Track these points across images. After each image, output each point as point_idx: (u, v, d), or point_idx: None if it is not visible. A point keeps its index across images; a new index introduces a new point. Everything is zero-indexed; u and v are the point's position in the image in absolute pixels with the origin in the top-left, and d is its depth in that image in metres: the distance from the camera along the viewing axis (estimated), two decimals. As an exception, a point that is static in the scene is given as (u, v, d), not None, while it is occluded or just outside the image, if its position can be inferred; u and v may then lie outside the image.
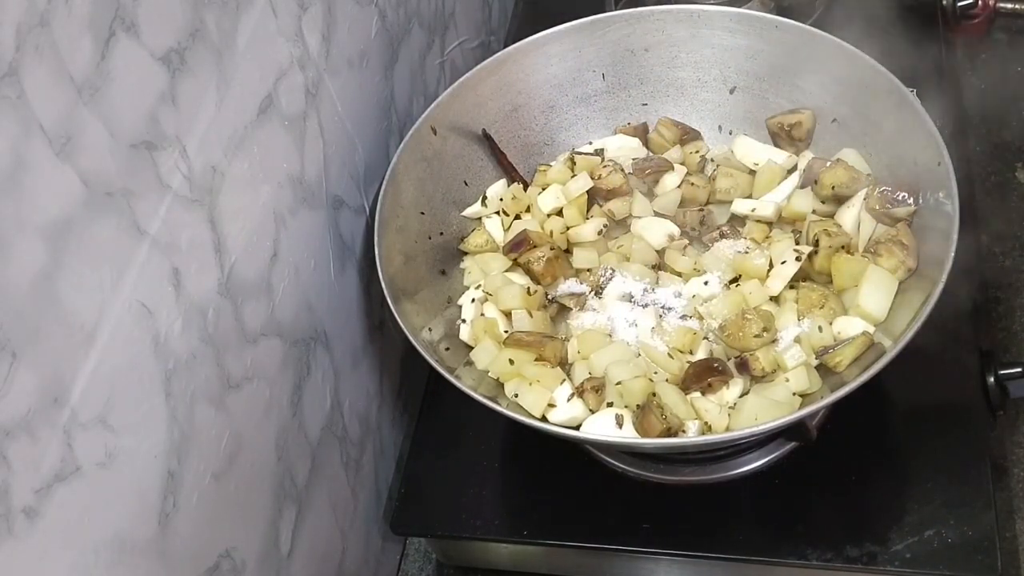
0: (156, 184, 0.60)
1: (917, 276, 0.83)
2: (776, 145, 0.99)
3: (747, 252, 0.91)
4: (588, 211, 0.98)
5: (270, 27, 0.73)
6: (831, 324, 0.84)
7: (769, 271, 0.89)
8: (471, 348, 0.88)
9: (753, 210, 0.94)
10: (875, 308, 0.83)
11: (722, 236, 0.93)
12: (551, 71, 1.01)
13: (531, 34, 1.00)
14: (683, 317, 0.88)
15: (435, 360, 0.80)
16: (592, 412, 0.83)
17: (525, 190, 0.99)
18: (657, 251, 0.94)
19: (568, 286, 0.93)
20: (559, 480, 0.93)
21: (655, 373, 0.84)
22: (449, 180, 0.97)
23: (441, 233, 0.96)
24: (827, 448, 0.87)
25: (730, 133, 1.02)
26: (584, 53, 1.01)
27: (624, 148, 1.01)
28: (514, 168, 1.01)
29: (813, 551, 0.85)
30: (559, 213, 0.97)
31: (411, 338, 0.81)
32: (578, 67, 1.02)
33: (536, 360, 0.85)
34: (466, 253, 0.97)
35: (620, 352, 0.85)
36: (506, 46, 1.01)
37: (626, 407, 0.82)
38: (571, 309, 0.92)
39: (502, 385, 0.86)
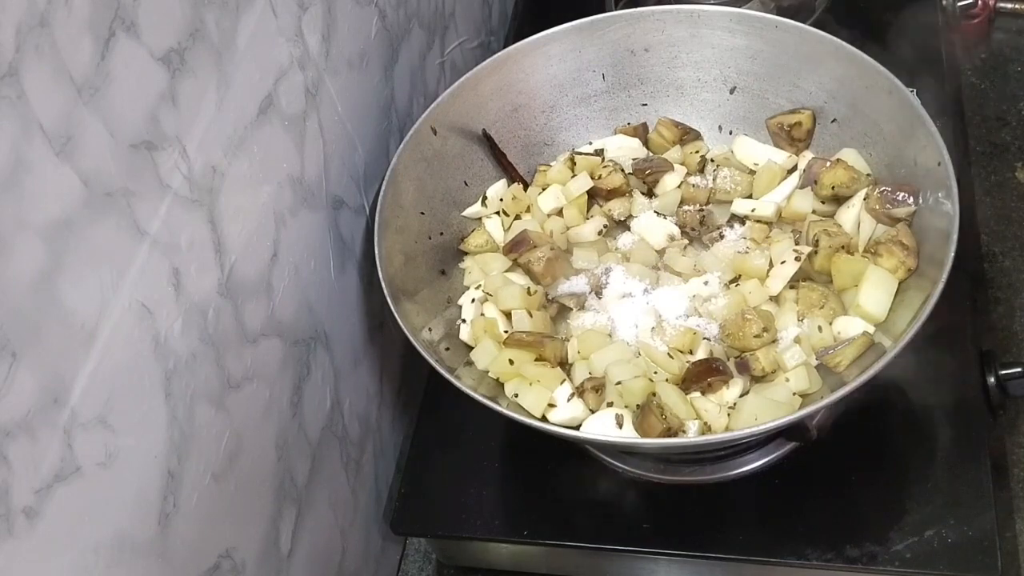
0: (156, 184, 0.60)
1: (917, 276, 0.83)
2: (776, 145, 0.99)
3: (747, 252, 0.91)
4: (588, 211, 0.98)
5: (270, 27, 0.73)
6: (831, 324, 0.84)
7: (769, 271, 0.89)
8: (471, 348, 0.88)
9: (753, 210, 0.94)
10: (875, 308, 0.83)
11: (721, 236, 0.93)
12: (551, 71, 1.01)
13: (531, 34, 1.00)
14: (683, 317, 0.88)
15: (435, 360, 0.80)
16: (592, 412, 0.83)
17: (525, 190, 0.99)
18: (657, 251, 0.94)
19: (568, 286, 0.93)
20: (559, 480, 0.93)
21: (655, 373, 0.84)
22: (449, 180, 0.97)
23: (441, 233, 0.96)
24: (827, 448, 0.87)
25: (730, 133, 1.02)
26: (584, 53, 1.01)
27: (624, 148, 1.01)
28: (514, 168, 1.01)
29: (813, 551, 0.85)
30: (559, 213, 0.97)
31: (411, 338, 0.81)
32: (578, 67, 1.02)
33: (536, 360, 0.85)
34: (466, 253, 0.97)
35: (620, 352, 0.86)
36: (506, 46, 1.01)
37: (626, 407, 0.82)
38: (571, 309, 0.92)
39: (502, 385, 0.86)
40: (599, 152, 1.01)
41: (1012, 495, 0.98)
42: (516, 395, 0.84)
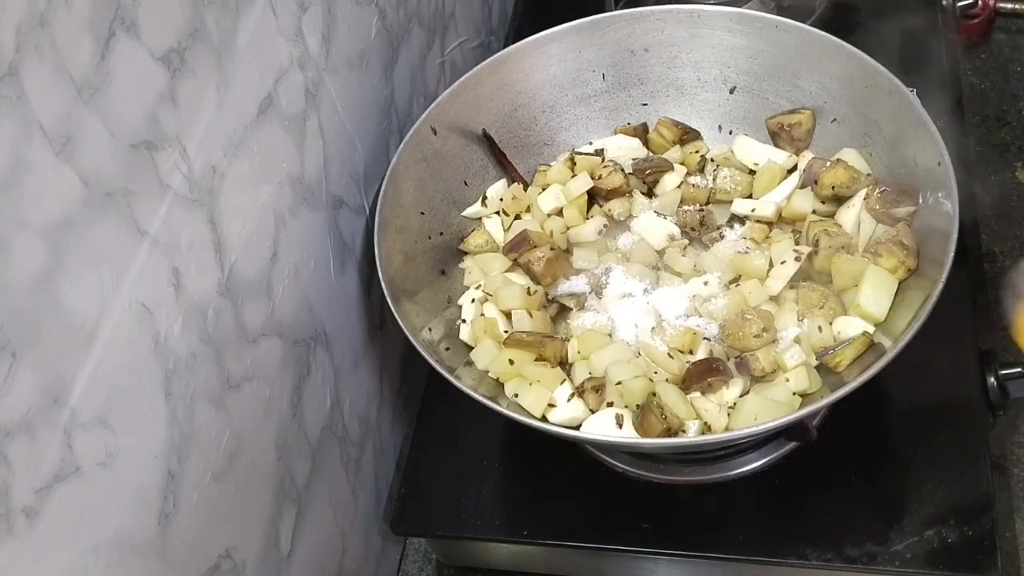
0: (156, 184, 0.60)
1: (917, 276, 0.83)
2: (776, 145, 0.99)
3: (747, 252, 0.91)
4: (588, 211, 0.98)
5: (270, 27, 0.73)
6: (831, 324, 0.84)
7: (769, 271, 0.89)
8: (471, 348, 0.88)
9: (753, 210, 0.94)
10: (875, 308, 0.83)
11: (721, 236, 0.93)
12: (551, 71, 1.01)
13: (531, 34, 1.00)
14: (683, 317, 0.88)
15: (435, 360, 0.80)
16: (592, 412, 0.83)
17: (525, 190, 0.99)
18: (657, 251, 0.94)
19: (568, 286, 0.93)
20: (559, 480, 0.93)
21: (655, 373, 0.84)
22: (449, 180, 0.97)
23: (441, 233, 0.96)
24: (827, 448, 0.87)
25: (730, 133, 1.02)
26: (584, 53, 1.01)
27: (624, 148, 1.01)
28: (514, 168, 1.01)
29: (813, 551, 0.85)
30: (559, 213, 0.97)
31: (411, 338, 0.81)
32: (578, 67, 1.02)
33: (536, 360, 0.85)
34: (466, 253, 0.97)
35: (620, 352, 0.86)
36: (506, 46, 1.01)
37: (626, 407, 0.82)
38: (571, 309, 0.92)
39: (502, 385, 0.86)
40: (599, 152, 1.01)
41: (1012, 495, 0.98)
42: (516, 395, 0.84)
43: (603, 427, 0.81)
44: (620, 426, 0.81)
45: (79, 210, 0.53)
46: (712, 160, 0.99)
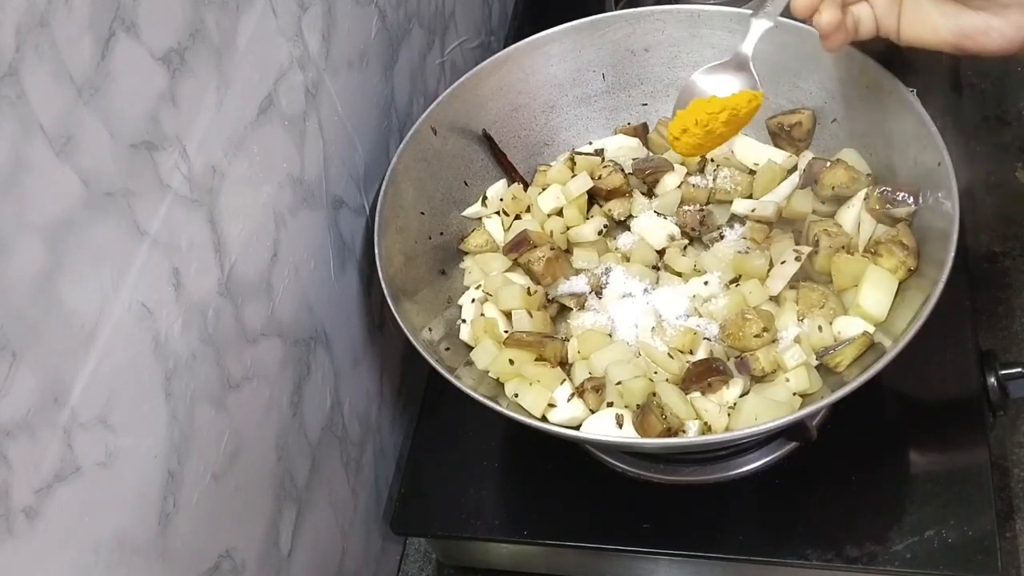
0: (156, 184, 0.60)
1: (917, 276, 0.83)
2: (776, 145, 0.99)
3: (747, 252, 0.91)
4: (588, 211, 0.98)
5: (270, 27, 0.73)
6: (831, 324, 0.84)
7: (769, 271, 0.89)
8: (471, 348, 0.88)
9: (753, 210, 0.94)
10: (875, 308, 0.83)
11: (721, 236, 0.93)
12: (551, 71, 1.01)
13: (531, 34, 1.00)
14: (683, 317, 0.88)
15: (435, 360, 0.80)
16: (592, 412, 0.83)
17: (525, 190, 0.99)
18: (657, 251, 0.94)
19: (568, 286, 0.93)
20: (559, 480, 0.93)
21: (655, 373, 0.84)
22: (449, 180, 0.97)
23: (441, 233, 0.96)
24: (827, 448, 0.87)
25: (730, 133, 1.02)
26: (584, 53, 1.01)
27: (624, 148, 1.01)
28: (514, 168, 1.01)
29: (813, 551, 0.85)
30: (559, 213, 0.97)
31: (411, 338, 0.81)
32: (578, 67, 1.02)
33: (536, 360, 0.85)
34: (466, 253, 0.97)
35: (620, 352, 0.85)
36: (506, 46, 1.01)
37: (626, 407, 0.82)
38: (571, 309, 0.92)
39: (502, 385, 0.86)
40: (599, 152, 1.01)
41: (1012, 495, 0.98)
42: (516, 395, 0.84)
43: (603, 427, 0.81)
44: (620, 426, 0.81)
45: (79, 210, 0.53)
46: (712, 160, 0.99)
